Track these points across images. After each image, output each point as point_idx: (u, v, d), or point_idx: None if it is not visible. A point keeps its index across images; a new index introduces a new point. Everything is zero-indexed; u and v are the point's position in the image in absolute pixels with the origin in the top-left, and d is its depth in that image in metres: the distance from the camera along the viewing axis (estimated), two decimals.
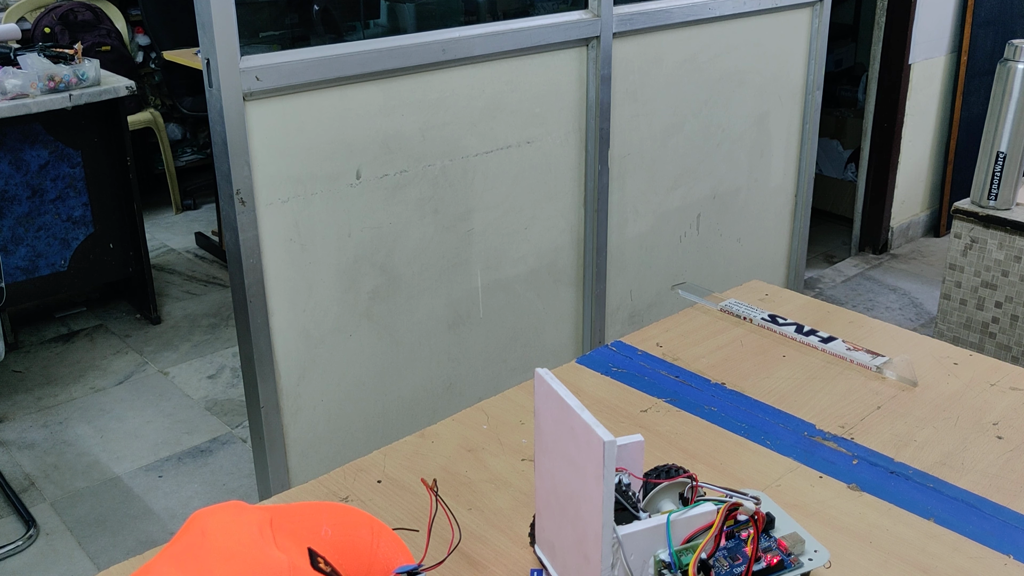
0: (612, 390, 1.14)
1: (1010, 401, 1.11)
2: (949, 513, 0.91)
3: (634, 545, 0.74)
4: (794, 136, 3.02)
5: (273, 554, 0.68)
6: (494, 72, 2.15)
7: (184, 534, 0.71)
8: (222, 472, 2.52)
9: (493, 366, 2.35)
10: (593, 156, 2.40)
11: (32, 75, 2.75)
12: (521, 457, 1.01)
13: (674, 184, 2.70)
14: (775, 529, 0.81)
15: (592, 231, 2.48)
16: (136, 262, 3.27)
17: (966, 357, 1.21)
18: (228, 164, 1.75)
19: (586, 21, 2.28)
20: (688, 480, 0.80)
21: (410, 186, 2.04)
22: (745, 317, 1.30)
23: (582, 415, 0.70)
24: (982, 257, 1.99)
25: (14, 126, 2.85)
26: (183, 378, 3.01)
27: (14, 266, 2.98)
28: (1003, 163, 1.95)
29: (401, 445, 1.04)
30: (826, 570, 0.83)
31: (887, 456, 1.00)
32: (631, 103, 2.47)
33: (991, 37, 3.77)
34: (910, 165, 3.80)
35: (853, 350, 1.19)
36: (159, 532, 2.28)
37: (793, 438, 1.04)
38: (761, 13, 2.73)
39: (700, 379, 1.16)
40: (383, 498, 0.95)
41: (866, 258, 3.83)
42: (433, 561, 0.84)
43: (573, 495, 0.73)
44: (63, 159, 3.01)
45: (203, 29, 1.66)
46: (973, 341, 2.04)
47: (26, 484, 2.47)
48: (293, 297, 1.90)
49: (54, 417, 2.78)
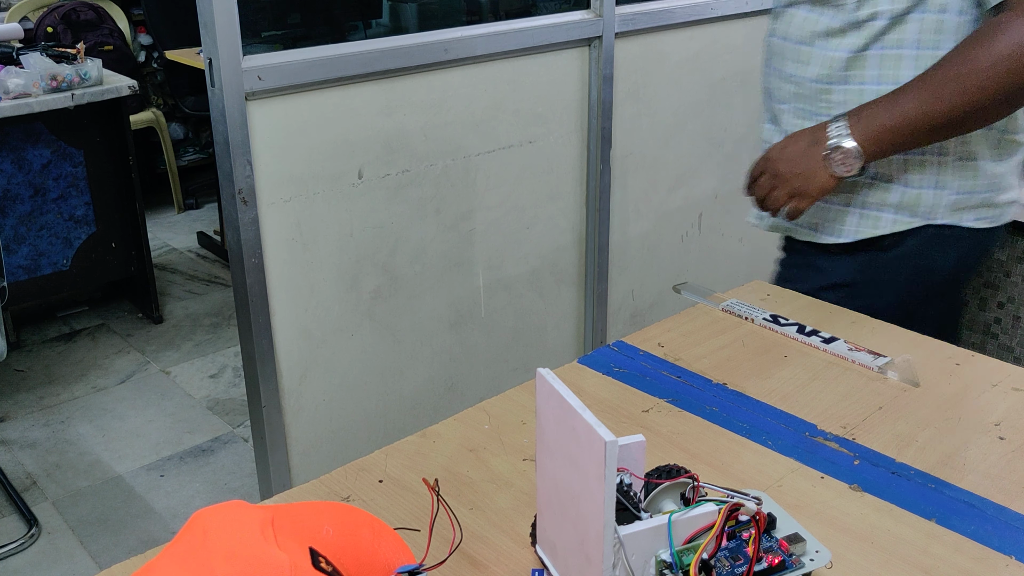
0: (613, 390, 1.14)
1: (1012, 402, 1.10)
2: (951, 514, 0.91)
3: (635, 545, 0.74)
4: None
5: (274, 554, 0.68)
6: (496, 72, 2.15)
7: (185, 533, 0.71)
8: (224, 471, 2.52)
9: (494, 366, 2.35)
10: (595, 156, 2.40)
11: (34, 74, 2.76)
12: (522, 457, 1.01)
13: (676, 184, 2.70)
14: (776, 529, 0.81)
15: (594, 231, 2.48)
16: (138, 261, 3.27)
17: (968, 358, 1.20)
18: (230, 163, 1.75)
19: (588, 21, 2.28)
20: (689, 480, 0.80)
21: (412, 186, 2.04)
22: (747, 317, 1.30)
23: (583, 415, 0.70)
24: None
25: (16, 125, 2.85)
26: (185, 377, 3.01)
27: (16, 265, 2.98)
28: None
29: (402, 445, 1.04)
30: (827, 570, 0.83)
31: (889, 457, 1.00)
32: (633, 103, 2.47)
33: None
34: None
35: (855, 350, 1.19)
36: (160, 531, 2.28)
37: (794, 438, 1.03)
38: (763, 13, 2.73)
39: (702, 379, 1.16)
40: (384, 498, 0.95)
41: None
42: (434, 561, 0.84)
43: (574, 495, 0.73)
44: (65, 158, 3.01)
45: (205, 29, 1.66)
46: (975, 342, 2.04)
47: (28, 483, 2.47)
48: (295, 296, 1.90)
49: (56, 416, 2.78)
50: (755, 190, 1.37)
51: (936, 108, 1.18)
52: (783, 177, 1.30)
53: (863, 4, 1.27)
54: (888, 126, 1.20)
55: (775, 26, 1.40)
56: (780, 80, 1.40)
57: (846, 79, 1.32)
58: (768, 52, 1.43)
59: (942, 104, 1.18)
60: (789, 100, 1.39)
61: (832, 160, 1.24)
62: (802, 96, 1.37)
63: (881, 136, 1.21)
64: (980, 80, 1.15)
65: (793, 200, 1.31)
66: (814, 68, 1.33)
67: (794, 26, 1.35)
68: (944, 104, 1.18)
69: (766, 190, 1.34)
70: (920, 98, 1.19)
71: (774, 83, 1.42)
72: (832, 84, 1.33)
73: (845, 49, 1.30)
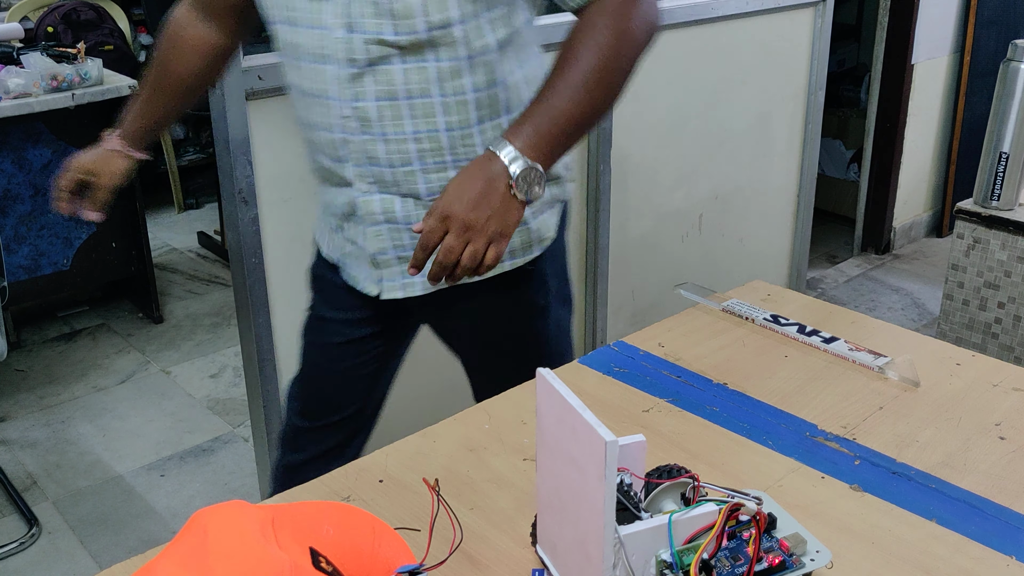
0: (614, 390, 1.14)
1: (1012, 402, 1.10)
2: (951, 514, 0.91)
3: (636, 545, 0.74)
4: (796, 136, 3.02)
5: (275, 553, 0.68)
6: None
7: (186, 533, 0.71)
8: (224, 471, 2.52)
9: None
10: (595, 156, 2.40)
11: (35, 74, 2.75)
12: (523, 457, 1.01)
13: (676, 184, 2.70)
14: (777, 529, 0.81)
15: (594, 231, 2.47)
16: (138, 261, 3.27)
17: (968, 358, 1.20)
18: (230, 163, 1.75)
19: None
20: (690, 480, 0.80)
21: None
22: (747, 317, 1.30)
23: (584, 415, 0.70)
24: (985, 257, 1.99)
25: (17, 125, 2.85)
26: (185, 377, 3.01)
27: (17, 265, 2.98)
28: (1006, 163, 1.95)
29: (403, 444, 1.04)
30: (828, 570, 0.83)
31: (889, 456, 1.00)
32: (633, 103, 2.47)
33: (994, 37, 3.76)
34: (913, 165, 3.79)
35: (855, 350, 1.19)
36: (161, 531, 2.28)
37: (795, 438, 1.03)
38: (763, 13, 2.73)
39: (702, 379, 1.16)
40: (385, 497, 0.95)
41: (868, 258, 3.83)
42: (435, 561, 0.84)
43: (575, 495, 0.73)
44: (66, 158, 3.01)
45: None
46: (976, 342, 2.04)
47: (28, 483, 2.47)
48: (295, 296, 1.90)
49: (56, 416, 2.78)
50: (442, 255, 1.14)
51: (590, 103, 1.19)
52: (477, 227, 1.12)
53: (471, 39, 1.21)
54: (555, 133, 1.16)
55: (359, 90, 1.22)
56: (393, 143, 1.26)
57: (481, 118, 1.25)
58: (358, 119, 1.24)
59: (593, 97, 1.19)
60: (415, 159, 1.26)
61: (518, 187, 1.14)
62: (437, 150, 1.25)
63: (552, 145, 1.17)
64: (618, 66, 1.22)
65: (492, 245, 1.14)
66: (444, 118, 1.24)
67: (398, 82, 1.21)
68: (596, 96, 1.20)
69: (458, 249, 1.13)
70: (572, 98, 1.17)
71: (379, 148, 1.25)
72: (469, 127, 1.25)
73: (470, 89, 1.23)
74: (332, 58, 1.20)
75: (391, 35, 1.17)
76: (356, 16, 1.17)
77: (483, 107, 1.24)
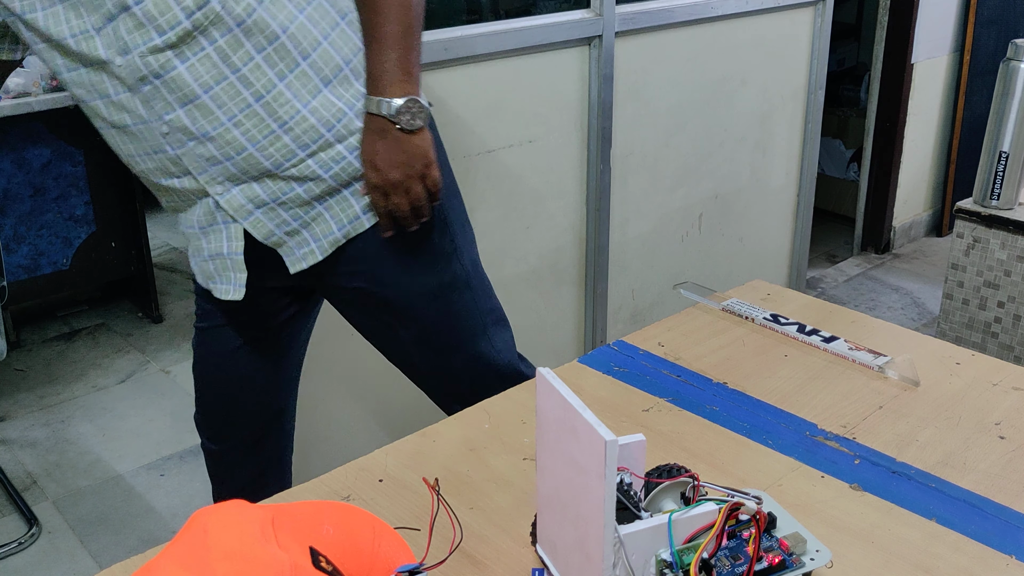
0: (614, 389, 1.14)
1: (1012, 401, 1.10)
2: (951, 513, 0.91)
3: (635, 544, 0.74)
4: (796, 135, 3.02)
5: (275, 553, 0.68)
6: (496, 71, 2.15)
7: (186, 533, 0.71)
8: None
9: None
10: (595, 155, 2.40)
11: (34, 74, 2.75)
12: (523, 456, 1.01)
13: (676, 183, 2.70)
14: (777, 529, 0.81)
15: (594, 230, 2.48)
16: (138, 261, 3.27)
17: (968, 357, 1.20)
18: None
19: (588, 20, 2.28)
20: (690, 480, 0.80)
21: None
22: (747, 317, 1.30)
23: (584, 414, 0.70)
24: (984, 257, 1.99)
25: (16, 125, 2.85)
26: (185, 377, 3.01)
27: (16, 264, 2.98)
28: (1006, 163, 1.95)
29: (403, 444, 1.04)
30: (828, 570, 0.83)
31: (889, 456, 1.00)
32: (633, 102, 2.47)
33: (994, 36, 3.76)
34: (912, 165, 3.79)
35: (855, 350, 1.19)
36: (161, 531, 2.28)
37: (795, 438, 1.03)
38: (763, 12, 2.73)
39: (702, 378, 1.16)
40: (385, 497, 0.95)
41: (868, 258, 3.83)
42: (434, 560, 0.84)
43: (575, 494, 0.73)
44: (65, 158, 3.01)
45: None
46: (975, 341, 2.04)
47: (28, 482, 2.47)
48: None
49: (56, 415, 2.78)
50: (397, 214, 1.28)
51: (411, 8, 1.24)
52: (400, 180, 1.25)
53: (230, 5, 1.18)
54: (399, 59, 1.23)
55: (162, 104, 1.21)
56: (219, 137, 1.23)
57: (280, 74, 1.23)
58: (178, 130, 1.23)
59: (411, 9, 1.24)
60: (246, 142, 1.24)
61: (407, 124, 1.23)
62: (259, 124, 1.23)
63: (404, 70, 1.23)
64: None
65: (424, 179, 1.27)
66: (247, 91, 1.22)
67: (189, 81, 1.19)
68: (412, 7, 1.24)
69: (404, 203, 1.27)
70: (395, 18, 1.22)
71: (210, 148, 1.24)
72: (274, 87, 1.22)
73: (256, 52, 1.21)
74: (125, 85, 1.21)
75: (159, 37, 1.17)
76: (124, 35, 1.18)
77: (276, 63, 1.22)
